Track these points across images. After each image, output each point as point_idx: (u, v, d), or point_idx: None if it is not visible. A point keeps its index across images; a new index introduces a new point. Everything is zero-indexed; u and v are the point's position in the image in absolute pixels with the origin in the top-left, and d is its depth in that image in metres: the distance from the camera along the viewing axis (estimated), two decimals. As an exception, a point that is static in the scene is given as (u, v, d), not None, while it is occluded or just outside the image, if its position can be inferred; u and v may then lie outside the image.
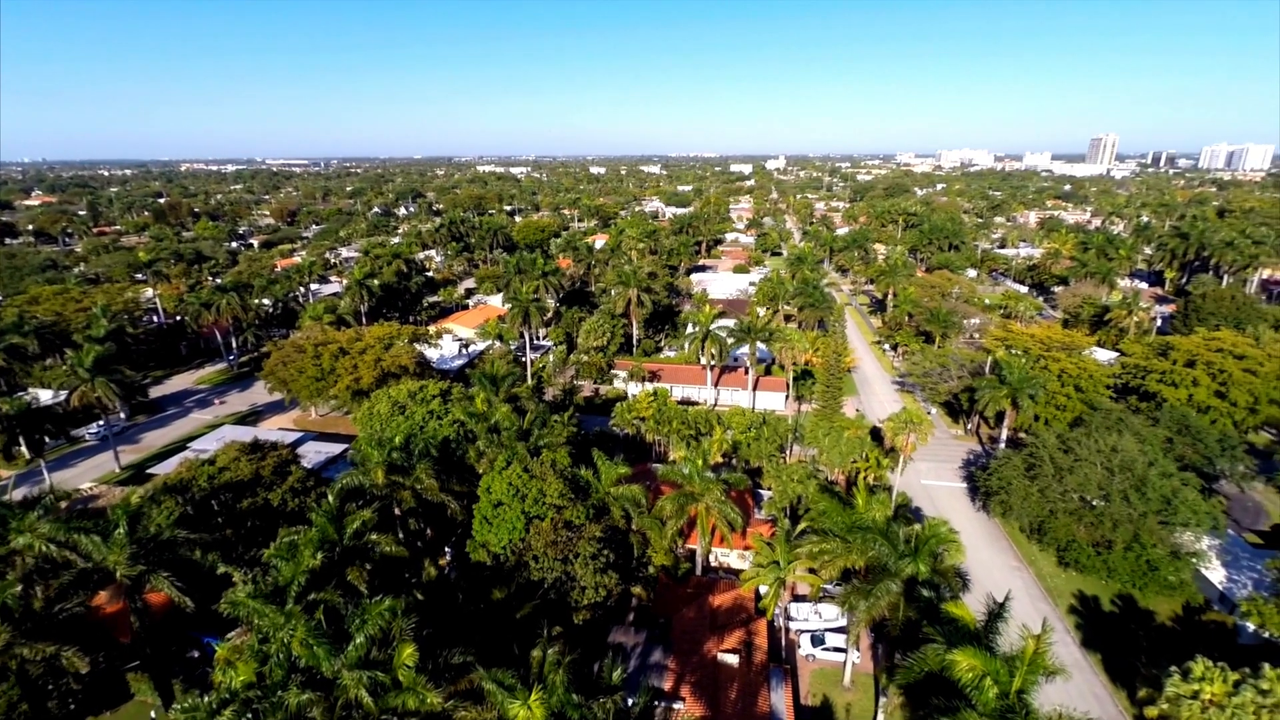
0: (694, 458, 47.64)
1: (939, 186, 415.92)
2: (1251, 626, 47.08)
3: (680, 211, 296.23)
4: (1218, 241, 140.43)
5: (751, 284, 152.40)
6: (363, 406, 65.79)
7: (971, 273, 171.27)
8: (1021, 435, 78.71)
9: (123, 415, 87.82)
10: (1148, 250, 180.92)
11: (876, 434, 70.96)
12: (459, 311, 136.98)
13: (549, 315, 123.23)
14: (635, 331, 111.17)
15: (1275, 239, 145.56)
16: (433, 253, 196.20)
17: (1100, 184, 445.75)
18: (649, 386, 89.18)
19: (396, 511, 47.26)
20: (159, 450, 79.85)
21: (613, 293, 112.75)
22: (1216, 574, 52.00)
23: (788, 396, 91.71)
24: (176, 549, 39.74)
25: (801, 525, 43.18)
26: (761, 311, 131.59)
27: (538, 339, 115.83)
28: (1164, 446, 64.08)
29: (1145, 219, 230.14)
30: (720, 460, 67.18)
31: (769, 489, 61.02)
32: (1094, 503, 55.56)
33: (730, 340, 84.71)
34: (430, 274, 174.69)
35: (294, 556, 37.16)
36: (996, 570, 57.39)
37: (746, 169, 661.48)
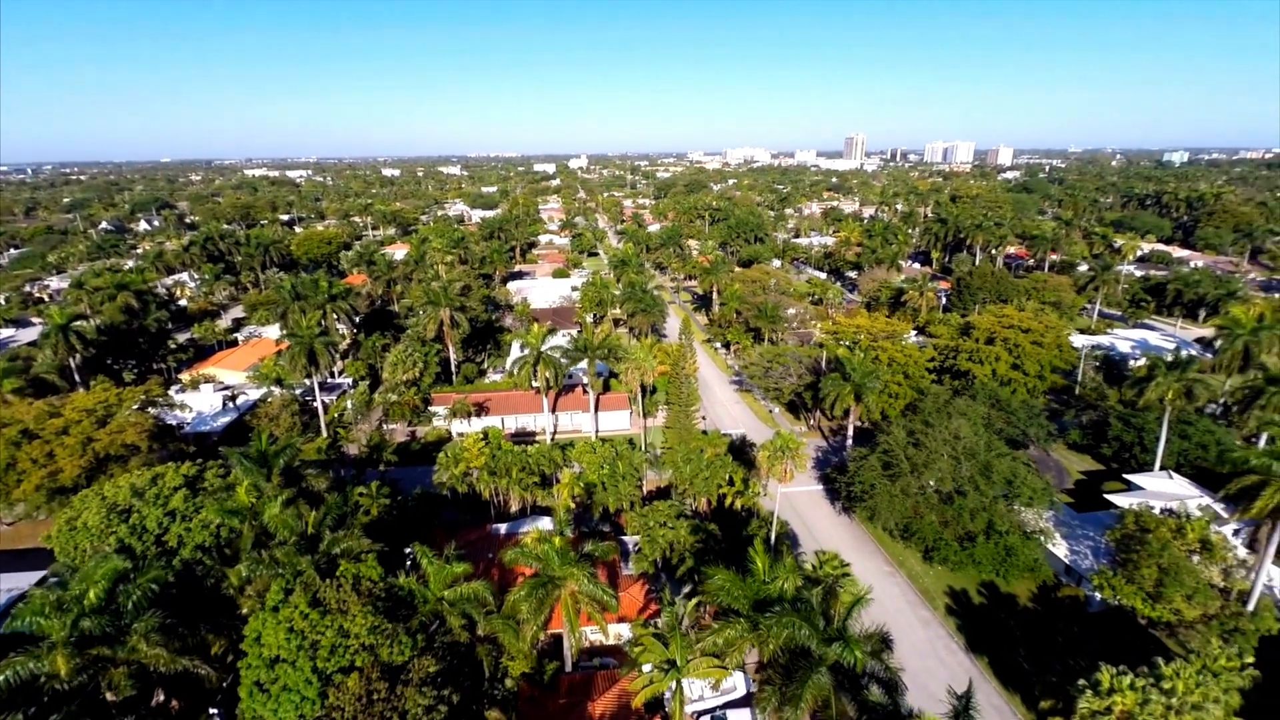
0: (549, 535, 37.57)
1: (730, 182, 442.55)
2: (1099, 596, 49.12)
3: (488, 214, 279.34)
4: (970, 225, 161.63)
5: (574, 289, 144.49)
6: (60, 519, 45.73)
7: (776, 263, 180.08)
8: (859, 424, 79.77)
9: None
10: (913, 234, 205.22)
11: (734, 450, 66.34)
12: (224, 350, 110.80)
13: (344, 345, 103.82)
14: (452, 356, 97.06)
15: (1011, 220, 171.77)
16: (184, 277, 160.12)
17: (859, 176, 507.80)
18: (476, 426, 76.85)
19: (110, 698, 31.00)
20: None
21: (421, 313, 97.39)
22: (1060, 548, 54.29)
23: (633, 413, 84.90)
24: None
25: (693, 602, 35.58)
26: (590, 319, 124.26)
27: (333, 376, 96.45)
28: (983, 421, 67.34)
29: (900, 206, 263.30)
30: (572, 506, 57.81)
31: (635, 535, 52.87)
32: (949, 494, 55.58)
33: (566, 361, 75.35)
34: (183, 304, 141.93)
35: None
36: (872, 577, 54.98)
37: (550, 168, 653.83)
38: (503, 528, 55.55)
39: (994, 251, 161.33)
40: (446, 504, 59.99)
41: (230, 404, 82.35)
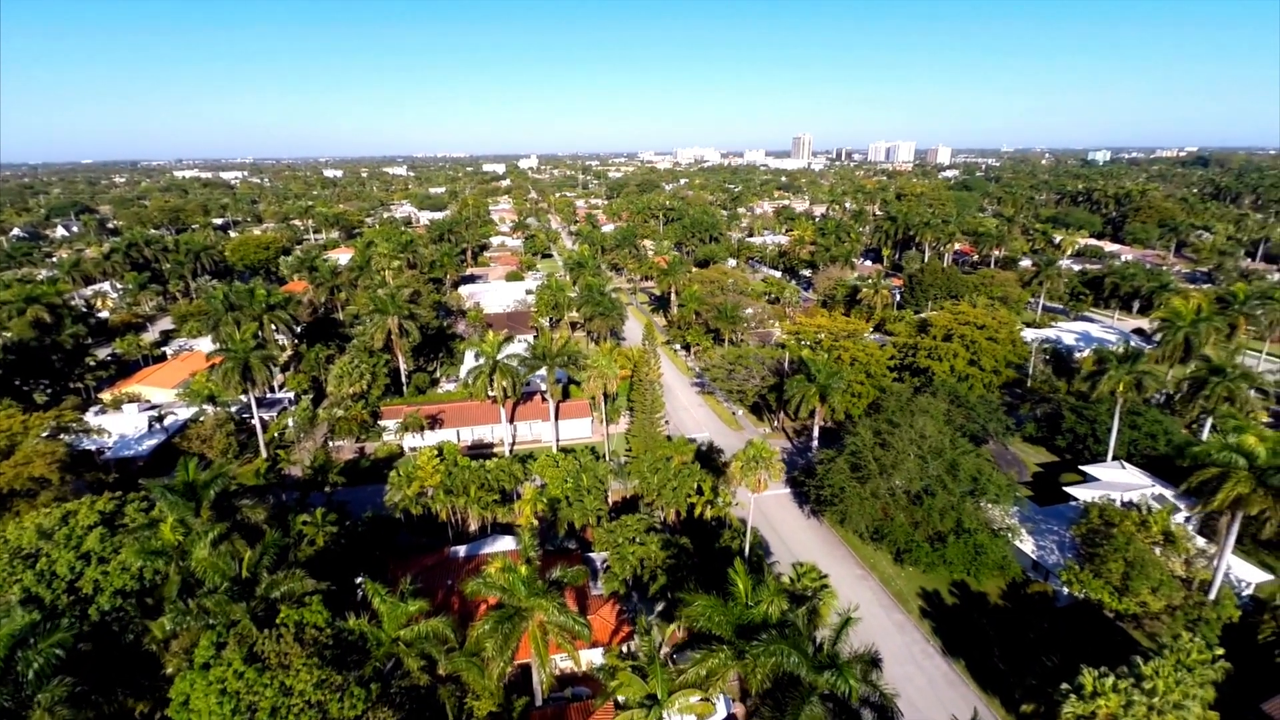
0: (514, 564, 34.90)
1: (682, 182, 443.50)
2: (1067, 591, 49.44)
3: (436, 216, 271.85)
4: (919, 223, 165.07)
5: (529, 292, 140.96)
6: (-49, 567, 40.31)
7: (731, 262, 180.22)
8: (824, 424, 79.40)
9: None
10: (864, 232, 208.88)
11: (701, 456, 64.63)
12: (151, 366, 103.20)
13: (284, 357, 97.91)
14: (402, 366, 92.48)
15: (957, 218, 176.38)
16: (105, 287, 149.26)
17: (807, 175, 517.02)
18: (429, 440, 73.23)
19: (5, 781, 26.78)
20: None
21: (367, 322, 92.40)
22: (1027, 544, 54.53)
23: (594, 420, 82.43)
24: None
25: (670, 628, 33.54)
26: (547, 323, 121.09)
27: (272, 391, 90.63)
28: (944, 418, 67.66)
29: (849, 205, 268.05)
30: (535, 523, 55.05)
31: (604, 552, 50.50)
32: (918, 494, 55.23)
33: (523, 370, 72.31)
34: (104, 316, 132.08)
35: None
36: (845, 583, 54.14)
37: (500, 168, 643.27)
38: (462, 550, 52.37)
39: (942, 249, 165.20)
40: (400, 527, 56.32)
41: (157, 425, 75.99)
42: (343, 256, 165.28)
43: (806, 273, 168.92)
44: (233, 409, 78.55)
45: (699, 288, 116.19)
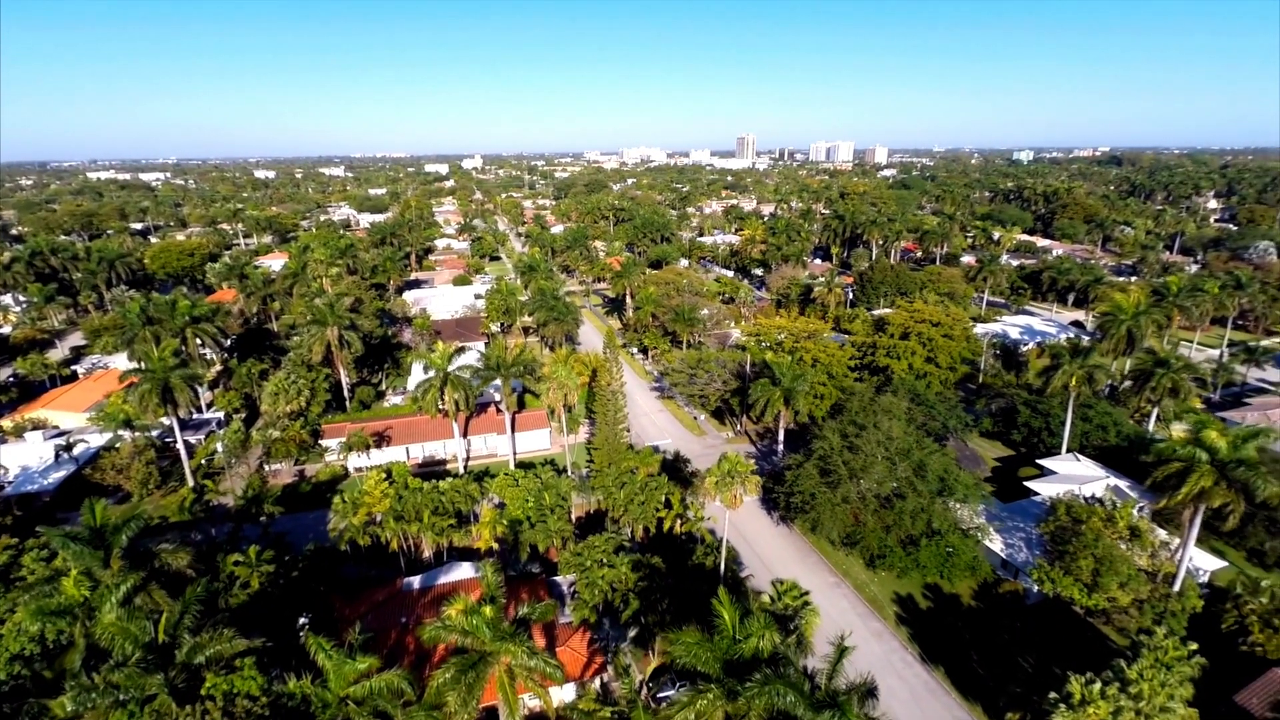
0: (477, 603, 31.70)
1: (630, 182, 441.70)
2: (1037, 589, 49.48)
3: (377, 218, 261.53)
4: (866, 221, 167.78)
5: (478, 296, 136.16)
6: None
7: (684, 262, 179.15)
8: (789, 426, 78.43)
9: None
10: (813, 230, 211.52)
11: (667, 467, 62.39)
12: (59, 387, 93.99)
13: (212, 374, 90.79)
14: (344, 379, 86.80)
15: (901, 217, 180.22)
16: (6, 300, 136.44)
17: (752, 175, 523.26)
18: (376, 459, 68.62)
19: None
20: None
21: (305, 333, 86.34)
22: (996, 543, 54.51)
23: (553, 431, 79.14)
24: None
25: (654, 662, 31.05)
26: (497, 329, 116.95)
27: (199, 411, 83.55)
28: (905, 417, 67.52)
29: (795, 204, 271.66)
30: (495, 547, 51.70)
31: (570, 575, 47.56)
32: (888, 497, 54.50)
33: (476, 382, 68.47)
34: (4, 332, 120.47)
35: None
36: (819, 592, 52.64)
37: (443, 169, 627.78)
38: (416, 581, 48.46)
39: (889, 246, 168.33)
40: (346, 558, 51.85)
41: (65, 455, 68.47)
42: (276, 262, 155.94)
43: (759, 272, 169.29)
44: (153, 433, 71.71)
45: (654, 289, 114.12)
